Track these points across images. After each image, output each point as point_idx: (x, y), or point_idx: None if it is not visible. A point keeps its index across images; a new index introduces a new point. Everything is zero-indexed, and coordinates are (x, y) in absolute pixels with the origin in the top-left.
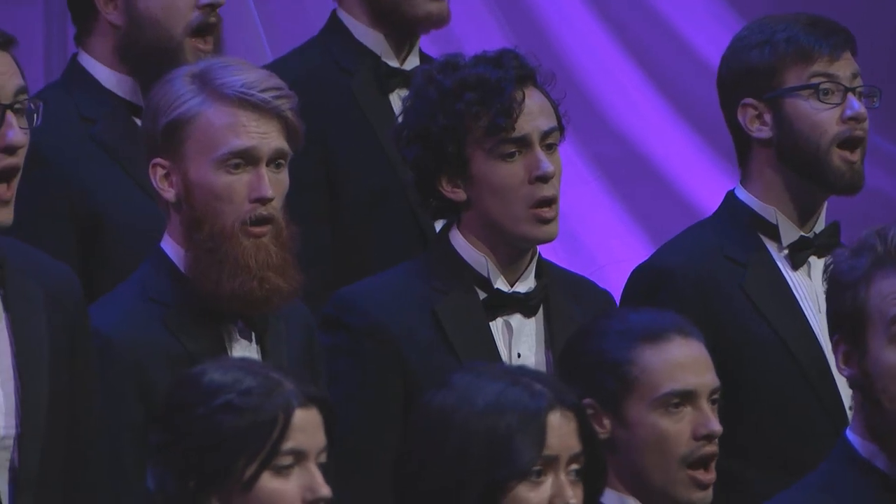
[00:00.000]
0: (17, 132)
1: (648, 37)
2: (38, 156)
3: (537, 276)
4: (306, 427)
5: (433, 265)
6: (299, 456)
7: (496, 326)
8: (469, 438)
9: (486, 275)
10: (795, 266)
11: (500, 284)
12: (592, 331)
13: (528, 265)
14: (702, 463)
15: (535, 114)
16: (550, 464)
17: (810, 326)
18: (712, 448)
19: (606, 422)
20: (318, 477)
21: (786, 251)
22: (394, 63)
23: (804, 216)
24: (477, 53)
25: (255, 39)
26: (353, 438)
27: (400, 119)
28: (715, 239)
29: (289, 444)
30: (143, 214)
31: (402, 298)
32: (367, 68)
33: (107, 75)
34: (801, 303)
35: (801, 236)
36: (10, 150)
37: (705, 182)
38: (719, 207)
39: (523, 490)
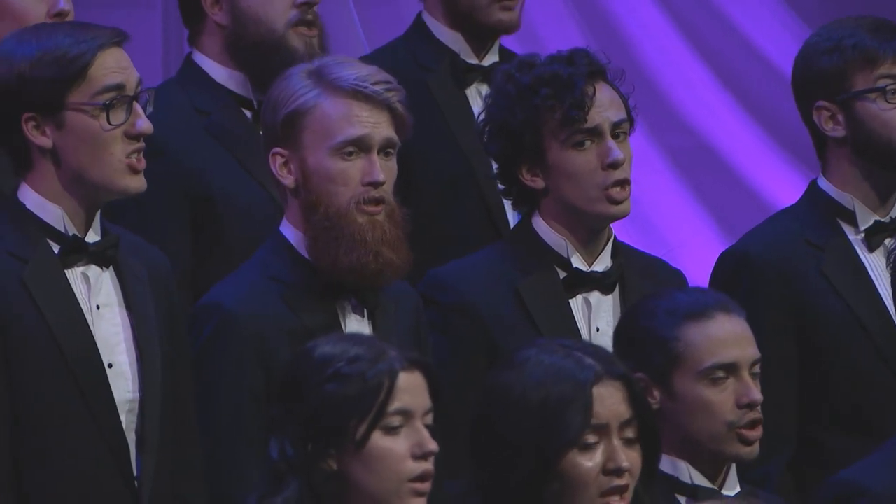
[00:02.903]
0: (144, 121)
1: (715, 36)
2: (157, 146)
3: (613, 257)
4: (411, 389)
5: (516, 248)
6: (406, 415)
7: (576, 303)
8: (525, 410)
9: (565, 255)
10: (871, 248)
11: (579, 264)
12: (642, 310)
13: (605, 246)
14: (748, 427)
15: (605, 106)
16: (601, 431)
17: (885, 305)
18: (755, 415)
19: (656, 394)
20: (425, 434)
21: (862, 234)
22: (472, 60)
23: (879, 202)
24: (552, 53)
25: (355, 40)
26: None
27: (482, 115)
28: (796, 225)
29: (395, 405)
30: (252, 199)
31: (489, 278)
32: (445, 65)
33: (218, 71)
34: (875, 282)
35: (877, 220)
36: (139, 136)
37: (768, 171)
38: (802, 196)
39: (576, 456)
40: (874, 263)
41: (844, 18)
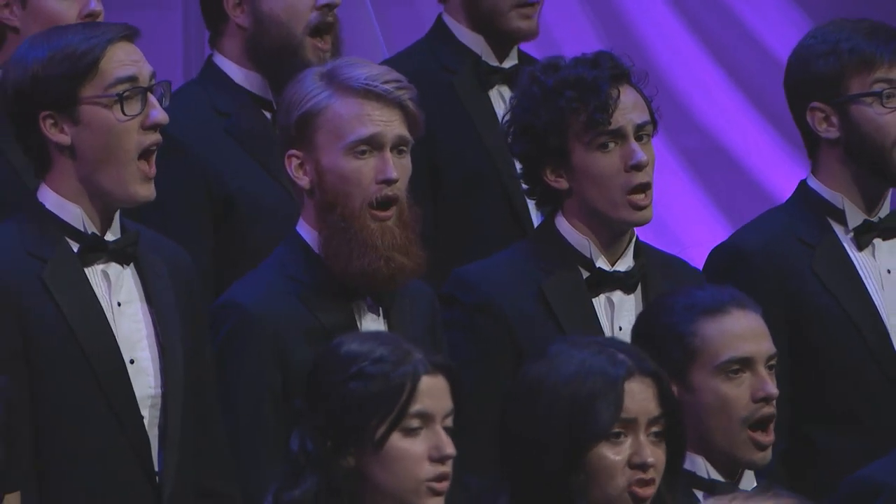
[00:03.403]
0: (159, 111)
1: (727, 37)
2: (177, 145)
3: (635, 256)
4: (433, 392)
5: (540, 248)
6: (426, 418)
7: (599, 302)
8: (556, 402)
9: (588, 255)
10: (861, 247)
11: (602, 264)
12: (660, 306)
13: (627, 246)
14: (761, 424)
15: (629, 108)
16: (629, 426)
17: (873, 302)
18: (770, 409)
19: (674, 388)
20: (444, 437)
21: (851, 234)
22: (493, 62)
23: (869, 203)
24: (576, 55)
25: (373, 41)
26: (467, 402)
27: (507, 116)
28: (788, 223)
29: (416, 408)
30: (271, 199)
31: (512, 278)
32: (468, 67)
33: (238, 73)
34: (864, 280)
35: (866, 220)
36: (155, 127)
37: (780, 171)
38: (792, 195)
39: (604, 449)
40: (863, 262)
41: (840, 20)
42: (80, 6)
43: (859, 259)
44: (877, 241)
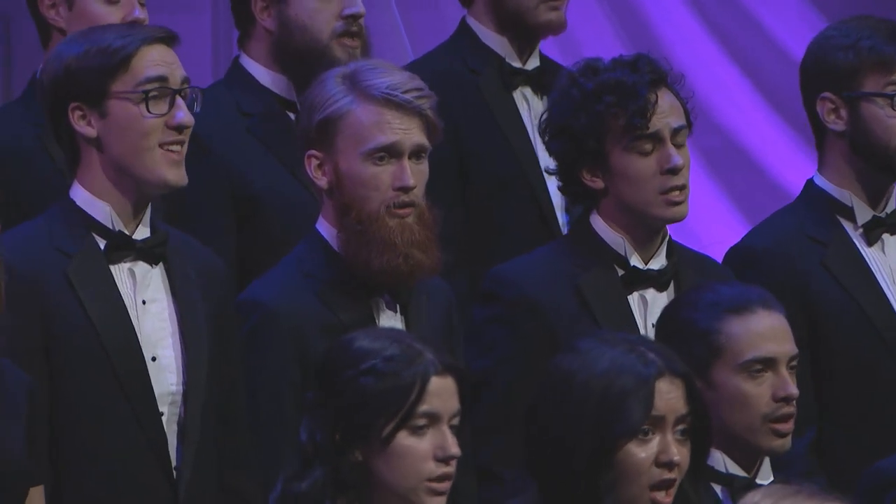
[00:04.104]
0: (185, 113)
1: (745, 39)
2: (202, 145)
3: (668, 255)
4: (441, 393)
5: (576, 246)
6: (433, 418)
7: (633, 299)
8: (586, 398)
9: (623, 254)
10: (870, 243)
11: (636, 262)
12: (685, 302)
13: (660, 245)
14: (781, 420)
15: (666, 113)
16: (658, 424)
17: (885, 296)
18: (790, 409)
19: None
20: (450, 438)
21: (860, 230)
22: (516, 64)
23: (875, 198)
24: (615, 57)
25: (398, 44)
26: (503, 398)
27: (544, 115)
28: (797, 221)
29: (424, 407)
30: (294, 199)
31: (550, 275)
32: (493, 68)
33: (264, 75)
34: (876, 275)
35: (874, 216)
36: (180, 128)
37: (798, 172)
38: (800, 193)
39: (633, 447)
40: (874, 257)
41: (863, 17)
42: (124, 12)
43: (869, 255)
44: (885, 236)
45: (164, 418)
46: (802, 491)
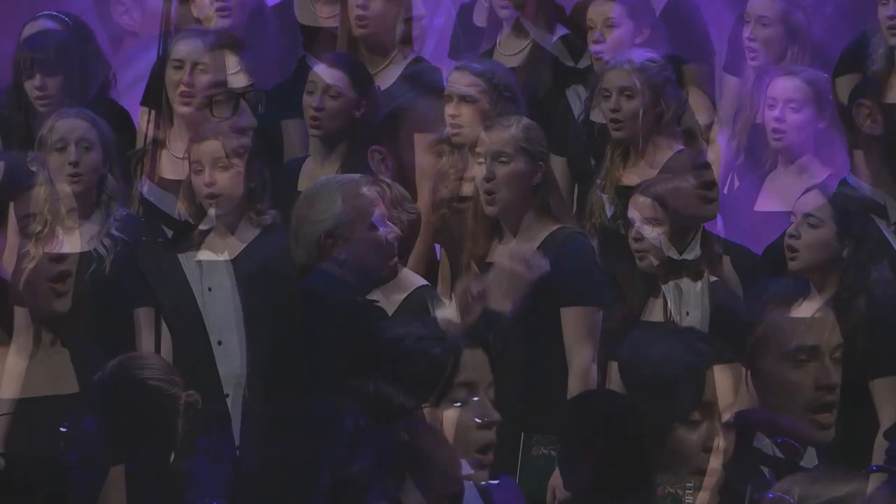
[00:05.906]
0: (248, 116)
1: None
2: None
3: (702, 245)
4: (475, 364)
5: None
6: (471, 388)
7: (668, 289)
8: (637, 385)
9: (658, 245)
10: None
11: (671, 253)
12: (731, 295)
13: (695, 236)
14: (824, 409)
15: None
16: (706, 411)
17: None
18: (832, 397)
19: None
20: (489, 404)
21: (894, 227)
22: (569, 63)
23: None
24: None
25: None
26: None
27: (581, 116)
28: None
29: (461, 378)
30: None
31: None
32: (546, 68)
33: (326, 73)
34: None
35: None
36: (243, 131)
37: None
38: (834, 193)
39: (683, 431)
40: None
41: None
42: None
43: None
44: None
45: (228, 400)
46: (830, 476)
